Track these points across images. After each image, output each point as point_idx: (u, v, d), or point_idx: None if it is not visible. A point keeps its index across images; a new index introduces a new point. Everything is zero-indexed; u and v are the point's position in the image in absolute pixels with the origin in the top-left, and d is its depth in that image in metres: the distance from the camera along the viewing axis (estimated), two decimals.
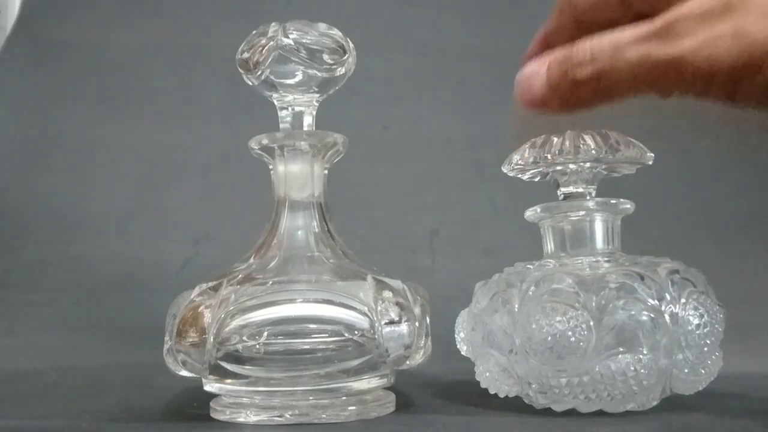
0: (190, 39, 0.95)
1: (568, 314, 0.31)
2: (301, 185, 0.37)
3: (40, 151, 0.90)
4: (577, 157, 0.35)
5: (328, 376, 0.32)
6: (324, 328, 0.32)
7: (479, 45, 0.98)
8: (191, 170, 0.89)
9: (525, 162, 0.37)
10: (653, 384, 0.32)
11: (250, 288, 0.33)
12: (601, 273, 0.33)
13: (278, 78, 0.36)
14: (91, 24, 0.97)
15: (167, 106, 0.92)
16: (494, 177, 0.73)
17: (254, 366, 0.32)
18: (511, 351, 0.33)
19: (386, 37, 0.96)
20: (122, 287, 0.78)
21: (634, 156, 0.36)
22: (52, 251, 0.83)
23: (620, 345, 0.31)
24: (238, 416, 0.33)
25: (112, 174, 0.89)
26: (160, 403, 0.39)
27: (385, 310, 0.33)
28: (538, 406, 0.34)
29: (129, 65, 0.95)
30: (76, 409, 0.38)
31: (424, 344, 0.34)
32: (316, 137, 0.36)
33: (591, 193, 0.37)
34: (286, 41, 0.35)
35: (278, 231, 0.37)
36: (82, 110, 0.92)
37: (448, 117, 0.94)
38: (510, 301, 0.34)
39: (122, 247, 0.83)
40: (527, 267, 0.36)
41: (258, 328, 0.32)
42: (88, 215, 0.86)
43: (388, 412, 0.35)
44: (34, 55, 0.96)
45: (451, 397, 0.39)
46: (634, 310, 0.31)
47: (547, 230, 0.37)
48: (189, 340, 0.33)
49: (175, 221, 0.85)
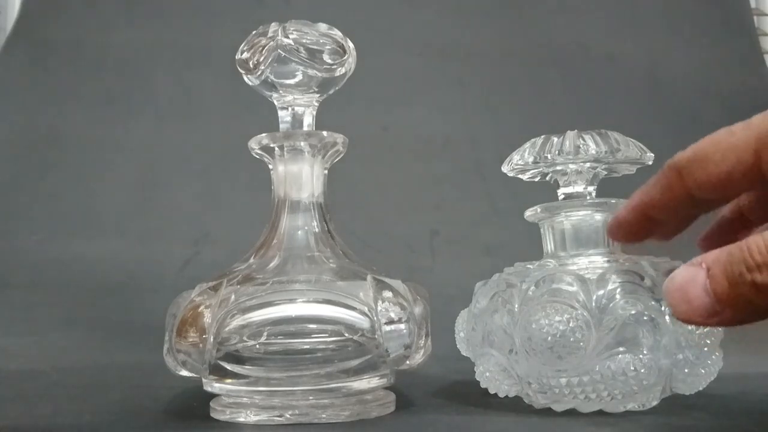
0: (190, 39, 0.95)
1: (568, 314, 0.31)
2: (301, 185, 0.37)
3: (40, 151, 0.90)
4: (577, 157, 0.35)
5: (328, 376, 0.32)
6: (324, 328, 0.32)
7: (479, 45, 0.98)
8: (191, 170, 0.89)
9: (525, 162, 0.37)
10: (653, 384, 0.32)
11: (250, 288, 0.33)
12: (601, 273, 0.33)
13: (278, 78, 0.36)
14: (91, 24, 0.97)
15: (167, 106, 0.92)
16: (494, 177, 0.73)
17: (254, 366, 0.32)
18: (511, 351, 0.33)
19: (386, 37, 0.96)
20: (122, 287, 0.78)
21: (634, 156, 0.36)
22: (52, 251, 0.83)
23: (620, 345, 0.31)
24: (238, 416, 0.33)
25: (112, 174, 0.89)
26: (160, 403, 0.39)
27: (385, 310, 0.33)
28: (538, 406, 0.34)
29: (129, 65, 0.95)
30: (76, 409, 0.38)
31: (424, 344, 0.34)
32: (316, 137, 0.36)
33: (591, 193, 0.37)
34: (286, 41, 0.35)
35: (278, 231, 0.37)
36: (82, 110, 0.92)
37: (448, 117, 0.94)
38: (510, 301, 0.34)
39: (122, 247, 0.83)
40: (527, 267, 0.36)
41: (258, 328, 0.32)
42: (88, 215, 0.86)
43: (388, 412, 0.35)
44: (34, 55, 0.96)
45: (451, 397, 0.39)
46: (634, 310, 0.31)
47: (547, 230, 0.37)
48: (189, 340, 0.33)
49: (175, 221, 0.85)
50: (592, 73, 1.00)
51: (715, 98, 0.99)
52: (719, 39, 1.08)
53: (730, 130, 0.27)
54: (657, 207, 0.29)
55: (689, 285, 0.25)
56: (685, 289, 0.25)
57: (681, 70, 1.03)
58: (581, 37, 1.01)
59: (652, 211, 0.29)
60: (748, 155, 0.26)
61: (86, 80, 0.94)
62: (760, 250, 0.23)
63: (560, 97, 0.97)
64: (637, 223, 0.30)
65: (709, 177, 0.27)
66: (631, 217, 0.30)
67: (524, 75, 0.98)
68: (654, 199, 0.29)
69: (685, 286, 0.25)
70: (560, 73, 0.99)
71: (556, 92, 0.97)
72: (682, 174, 0.27)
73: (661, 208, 0.29)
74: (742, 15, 1.11)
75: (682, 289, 0.25)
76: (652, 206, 0.29)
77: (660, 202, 0.29)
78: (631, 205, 0.30)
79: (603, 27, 1.03)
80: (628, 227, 0.31)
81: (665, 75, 1.02)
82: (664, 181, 0.28)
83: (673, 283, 0.25)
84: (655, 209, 0.29)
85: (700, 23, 1.08)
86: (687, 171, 0.27)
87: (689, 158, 0.27)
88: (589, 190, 0.37)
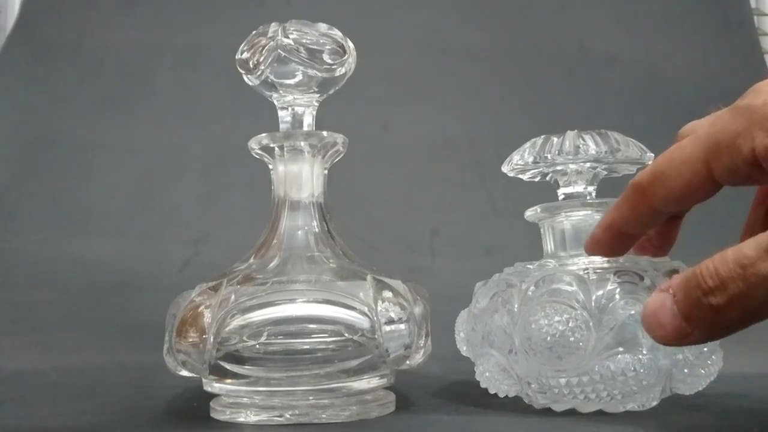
0: (190, 39, 0.95)
1: (568, 314, 0.31)
2: (301, 185, 0.37)
3: (40, 151, 0.91)
4: (577, 157, 0.35)
5: (328, 376, 0.32)
6: (324, 328, 0.32)
7: (479, 45, 0.98)
8: (191, 170, 0.90)
9: (525, 162, 0.37)
10: (653, 384, 0.32)
11: (250, 288, 0.33)
12: (600, 273, 0.33)
13: (278, 78, 0.36)
14: (91, 24, 0.97)
15: (167, 106, 0.93)
16: (494, 177, 0.73)
17: (254, 366, 0.32)
18: (511, 351, 0.33)
19: (386, 37, 0.96)
20: (122, 287, 0.78)
21: (634, 156, 0.36)
22: (52, 251, 0.83)
23: (620, 345, 0.31)
24: (238, 416, 0.33)
25: (112, 174, 0.89)
26: (160, 403, 0.39)
27: (385, 310, 0.33)
28: (538, 406, 0.34)
29: (129, 65, 0.95)
30: (76, 409, 0.38)
31: (424, 344, 0.34)
32: (316, 137, 0.36)
33: (591, 193, 0.37)
34: (286, 41, 0.35)
35: (278, 231, 0.37)
36: (82, 110, 0.92)
37: (448, 117, 0.94)
38: (510, 301, 0.34)
39: (122, 247, 0.83)
40: (527, 267, 0.36)
41: (258, 328, 0.32)
42: (88, 215, 0.86)
43: (388, 412, 0.35)
44: (34, 55, 0.96)
45: (451, 397, 0.39)
46: (634, 310, 0.31)
47: (547, 230, 0.37)
48: (189, 340, 0.33)
49: (175, 221, 0.85)
50: (592, 73, 1.00)
51: (715, 98, 0.99)
52: (719, 39, 1.08)
53: (681, 146, 0.29)
54: (628, 223, 0.31)
55: (660, 310, 0.26)
56: (657, 314, 0.27)
57: (681, 70, 1.03)
58: (581, 37, 1.01)
59: (624, 227, 0.31)
60: (701, 166, 0.28)
61: (86, 80, 0.94)
62: (711, 275, 0.25)
63: (560, 97, 0.97)
64: (613, 240, 0.32)
65: (670, 192, 0.29)
66: (607, 235, 0.32)
67: (524, 75, 0.98)
68: (623, 217, 0.31)
69: (656, 312, 0.27)
70: (560, 73, 0.99)
71: (556, 92, 0.97)
72: (645, 193, 0.30)
73: (632, 223, 0.31)
74: (742, 15, 1.11)
75: (655, 315, 0.27)
76: (623, 223, 0.31)
77: (629, 219, 0.31)
78: (604, 225, 0.32)
79: (603, 27, 1.03)
80: (605, 244, 0.33)
81: (665, 75, 1.02)
82: (630, 201, 0.31)
83: (646, 311, 0.27)
84: (626, 225, 0.31)
85: (700, 23, 1.08)
86: (649, 189, 0.30)
87: (649, 177, 0.29)
88: (589, 190, 0.37)
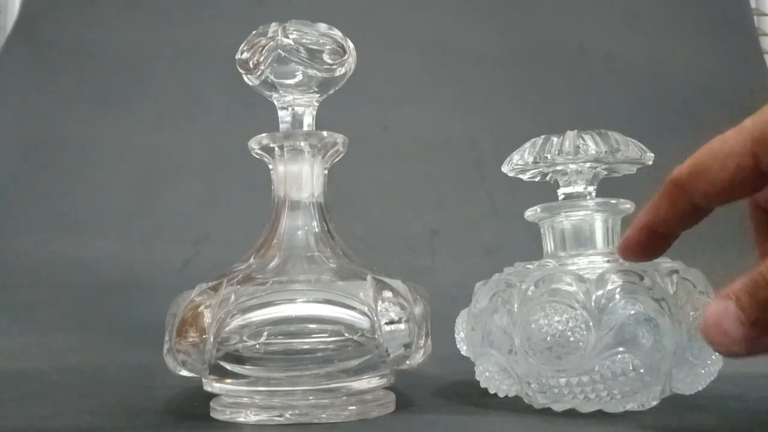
0: (190, 39, 0.95)
1: (568, 314, 0.31)
2: (301, 185, 0.37)
3: (40, 151, 0.90)
4: (577, 157, 0.35)
5: (328, 376, 0.32)
6: (324, 328, 0.32)
7: (479, 45, 0.98)
8: (191, 170, 0.90)
9: (525, 162, 0.37)
10: (653, 384, 0.32)
11: (250, 288, 0.33)
12: (600, 273, 0.33)
13: (278, 78, 0.36)
14: (91, 24, 0.97)
15: (167, 106, 0.93)
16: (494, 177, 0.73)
17: (254, 366, 0.32)
18: (511, 351, 0.33)
19: (386, 37, 0.96)
20: (122, 287, 0.78)
21: (634, 156, 0.36)
22: (52, 251, 0.83)
23: (620, 345, 0.31)
24: (238, 416, 0.33)
25: (112, 174, 0.89)
26: (160, 403, 0.39)
27: (385, 310, 0.33)
28: (538, 405, 0.34)
29: (129, 65, 0.95)
30: (76, 409, 0.38)
31: (424, 344, 0.34)
32: (316, 137, 0.36)
33: (591, 193, 0.37)
34: (286, 41, 0.35)
35: (278, 231, 0.37)
36: (82, 110, 0.92)
37: (448, 117, 0.94)
38: (510, 301, 0.34)
39: (122, 247, 0.83)
40: (527, 267, 0.36)
41: (258, 328, 0.32)
42: (88, 215, 0.86)
43: (388, 412, 0.35)
44: (34, 55, 0.96)
45: (451, 397, 0.39)
46: (634, 310, 0.31)
47: (547, 230, 0.37)
48: (189, 340, 0.33)
49: (175, 221, 0.85)
50: (592, 73, 1.00)
51: (715, 98, 0.99)
52: (719, 39, 1.08)
53: (723, 138, 0.27)
54: (665, 222, 0.30)
55: (722, 319, 0.25)
56: (720, 323, 0.25)
57: (681, 70, 1.03)
58: (581, 37, 1.01)
59: (660, 227, 0.30)
60: (747, 159, 0.26)
61: (86, 80, 0.94)
62: None
63: (560, 97, 0.97)
64: (648, 241, 0.31)
65: (714, 187, 0.27)
66: (642, 237, 0.31)
67: (524, 75, 0.98)
68: (660, 215, 0.30)
69: (719, 320, 0.25)
70: (560, 73, 0.99)
71: (556, 92, 0.97)
72: (685, 188, 0.28)
73: (669, 222, 0.30)
74: (742, 15, 1.11)
75: (718, 324, 0.25)
76: (659, 223, 0.30)
77: (667, 218, 0.30)
78: (638, 225, 0.31)
79: (603, 27, 1.03)
80: (639, 246, 0.31)
81: (665, 75, 1.02)
82: (668, 197, 0.29)
83: (707, 320, 0.25)
84: (663, 225, 0.30)
85: (700, 23, 1.08)
86: (690, 184, 0.28)
87: (690, 172, 0.28)
88: (589, 190, 0.37)
